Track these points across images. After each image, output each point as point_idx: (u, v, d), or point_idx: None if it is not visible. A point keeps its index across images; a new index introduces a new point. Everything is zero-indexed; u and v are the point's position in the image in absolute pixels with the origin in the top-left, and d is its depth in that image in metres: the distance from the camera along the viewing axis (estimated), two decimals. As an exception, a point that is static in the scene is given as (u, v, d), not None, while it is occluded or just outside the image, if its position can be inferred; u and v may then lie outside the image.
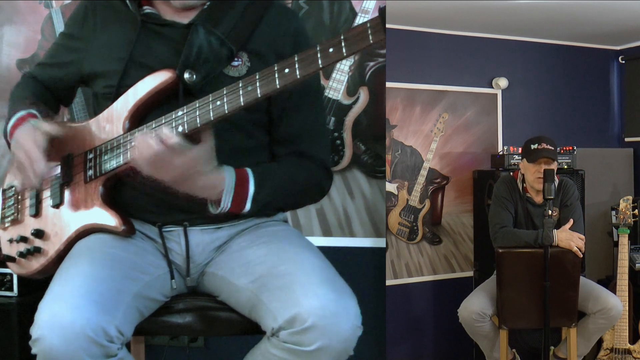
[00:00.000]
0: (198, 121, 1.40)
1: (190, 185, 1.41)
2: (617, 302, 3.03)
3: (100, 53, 1.59)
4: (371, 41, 1.25)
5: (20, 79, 1.77)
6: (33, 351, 1.27)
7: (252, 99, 1.36)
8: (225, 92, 1.37)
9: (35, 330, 1.26)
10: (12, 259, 1.66)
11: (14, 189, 1.72)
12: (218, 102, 1.37)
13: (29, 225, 1.63)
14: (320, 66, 1.29)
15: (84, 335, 1.23)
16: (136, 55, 1.54)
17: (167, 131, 1.35)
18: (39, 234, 1.60)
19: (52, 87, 1.72)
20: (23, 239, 1.63)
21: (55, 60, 1.71)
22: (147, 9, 1.58)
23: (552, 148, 3.12)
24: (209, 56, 1.50)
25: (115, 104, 1.53)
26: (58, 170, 1.59)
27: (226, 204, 1.47)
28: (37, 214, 1.62)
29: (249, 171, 1.51)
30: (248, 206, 1.50)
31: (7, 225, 1.70)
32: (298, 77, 1.31)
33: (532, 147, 3.14)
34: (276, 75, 1.33)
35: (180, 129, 1.42)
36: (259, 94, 1.35)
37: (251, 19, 1.56)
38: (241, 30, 1.55)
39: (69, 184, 1.57)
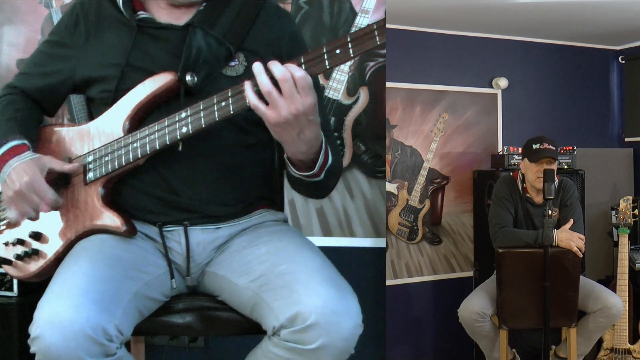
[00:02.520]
0: (202, 122, 1.40)
1: (298, 134, 1.35)
2: (618, 300, 3.03)
3: (95, 59, 1.58)
4: (378, 42, 1.25)
5: (0, 93, 1.69)
6: (32, 350, 1.27)
7: None
8: (230, 94, 1.37)
9: (34, 329, 1.26)
10: (8, 262, 1.64)
11: None
12: (223, 103, 1.37)
13: (26, 227, 1.62)
14: (327, 67, 1.29)
15: (83, 334, 1.23)
16: (133, 59, 1.54)
17: (293, 65, 1.28)
18: (36, 236, 1.60)
19: (38, 98, 1.68)
20: (20, 242, 1.62)
21: (42, 69, 1.66)
22: (142, 14, 1.58)
23: (554, 148, 3.12)
24: (209, 57, 1.51)
25: (115, 106, 1.54)
26: None
27: (321, 160, 1.43)
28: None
29: None
30: (323, 174, 1.47)
31: (2, 228, 1.69)
32: None
33: (535, 147, 3.14)
34: None
35: (184, 130, 1.42)
36: None
37: (246, 18, 1.57)
38: (237, 30, 1.55)
39: (68, 186, 1.57)
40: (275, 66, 1.29)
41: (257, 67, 1.31)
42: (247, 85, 1.32)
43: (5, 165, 1.51)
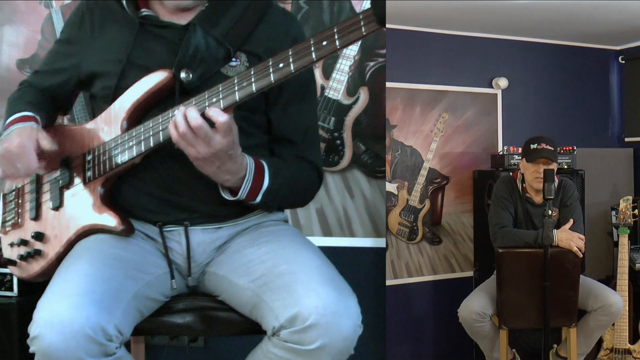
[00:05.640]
0: None
1: (218, 167, 1.40)
2: (618, 298, 3.03)
3: (98, 55, 1.59)
4: (364, 33, 1.25)
5: (17, 88, 1.74)
6: (31, 349, 1.27)
7: (247, 95, 1.37)
8: (220, 89, 1.38)
9: (34, 329, 1.26)
10: (12, 263, 1.66)
11: (14, 193, 1.72)
12: (214, 99, 1.38)
13: (29, 228, 1.63)
14: (314, 59, 1.30)
15: (82, 334, 1.23)
16: (134, 56, 1.54)
17: (216, 110, 1.34)
18: (39, 236, 1.60)
19: (51, 95, 1.70)
20: (23, 242, 1.63)
21: (52, 67, 1.70)
22: (145, 11, 1.58)
23: (552, 148, 3.12)
24: (206, 56, 1.51)
25: (113, 105, 1.54)
26: (57, 173, 1.59)
27: (245, 191, 1.47)
28: (37, 217, 1.62)
29: (264, 163, 1.51)
30: (259, 198, 1.50)
31: (8, 229, 1.70)
32: (292, 70, 1.32)
33: (532, 146, 3.14)
34: (271, 70, 1.34)
35: None
36: (254, 89, 1.36)
37: (250, 20, 1.57)
38: (240, 31, 1.55)
39: (69, 186, 1.57)
40: (190, 111, 1.34)
41: (177, 111, 1.36)
42: (171, 121, 1.38)
43: (8, 128, 1.55)
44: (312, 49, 1.29)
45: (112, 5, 1.61)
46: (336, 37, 1.27)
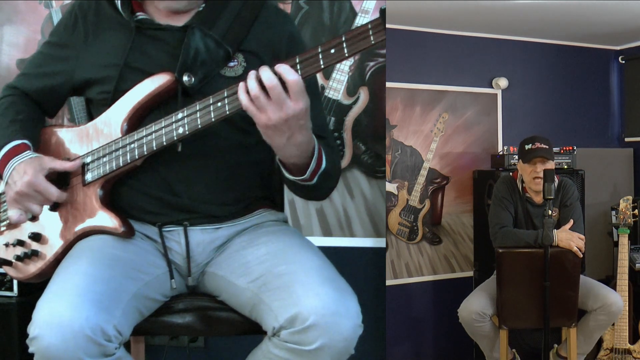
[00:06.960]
0: (199, 122, 1.41)
1: (288, 138, 1.35)
2: (618, 298, 3.03)
3: (93, 60, 1.58)
4: (372, 42, 1.25)
5: (1, 94, 1.70)
6: (30, 350, 1.27)
7: None
8: (226, 94, 1.38)
9: (33, 329, 1.26)
10: (8, 263, 1.64)
11: None
12: (219, 104, 1.38)
13: (26, 228, 1.62)
14: (322, 66, 1.30)
15: (82, 334, 1.23)
16: (131, 60, 1.54)
17: (287, 68, 1.29)
18: (36, 237, 1.59)
19: (38, 99, 1.68)
20: (20, 243, 1.62)
21: (42, 70, 1.66)
22: (141, 15, 1.58)
23: (547, 147, 3.11)
24: (206, 58, 1.51)
25: (113, 107, 1.54)
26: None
27: (311, 169, 1.43)
28: (33, 217, 1.61)
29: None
30: (315, 179, 1.47)
31: (2, 229, 1.69)
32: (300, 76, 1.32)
33: (527, 147, 3.14)
34: None
35: (180, 130, 1.42)
36: None
37: (246, 19, 1.57)
38: (236, 31, 1.56)
39: (66, 187, 1.57)
40: (264, 72, 1.29)
41: (251, 71, 1.32)
42: (240, 87, 1.33)
43: (6, 166, 1.52)
44: (320, 56, 1.29)
45: (106, 10, 1.60)
46: (344, 45, 1.26)
